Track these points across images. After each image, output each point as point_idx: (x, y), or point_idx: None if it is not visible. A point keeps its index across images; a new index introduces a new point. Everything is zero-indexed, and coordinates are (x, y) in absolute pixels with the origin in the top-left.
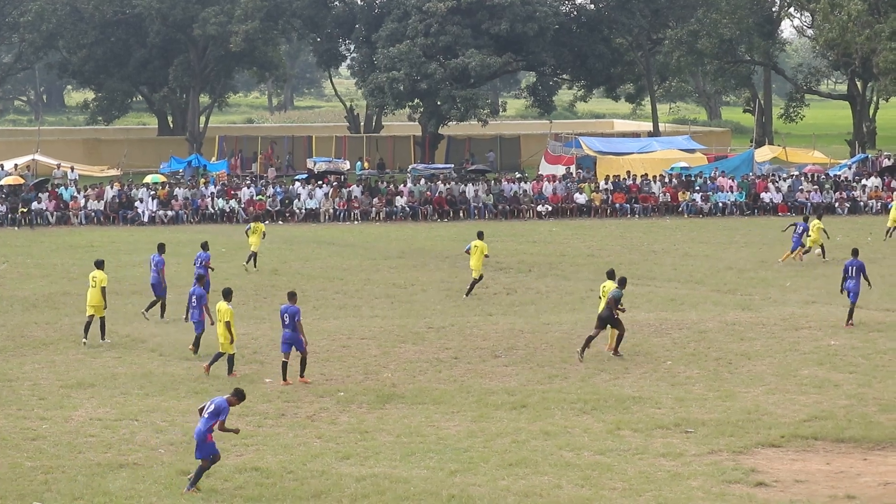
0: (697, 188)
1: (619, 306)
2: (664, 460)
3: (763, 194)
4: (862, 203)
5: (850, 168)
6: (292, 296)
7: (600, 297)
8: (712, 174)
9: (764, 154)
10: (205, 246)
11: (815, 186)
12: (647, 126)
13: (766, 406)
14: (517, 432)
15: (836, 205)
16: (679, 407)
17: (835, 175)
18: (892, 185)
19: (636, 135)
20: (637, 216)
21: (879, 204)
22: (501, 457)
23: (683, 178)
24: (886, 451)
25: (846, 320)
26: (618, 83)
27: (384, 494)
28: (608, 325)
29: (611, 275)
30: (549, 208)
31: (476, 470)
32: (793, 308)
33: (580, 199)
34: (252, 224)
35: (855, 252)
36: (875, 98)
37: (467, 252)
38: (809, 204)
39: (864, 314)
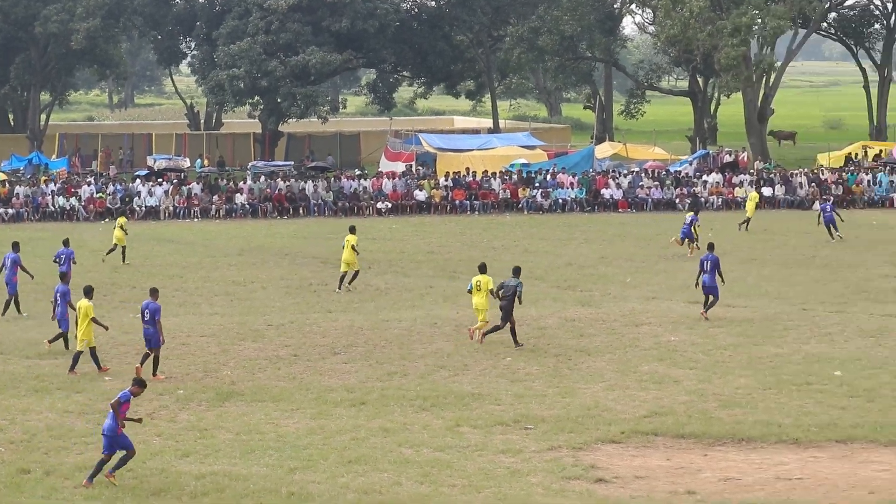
0: (537, 185)
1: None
2: (504, 457)
3: (603, 191)
4: (703, 199)
5: (690, 164)
6: (154, 292)
7: (470, 292)
8: (552, 171)
9: (604, 150)
10: (66, 242)
11: (656, 182)
12: (488, 123)
13: (606, 402)
14: (356, 429)
15: (677, 201)
16: (519, 403)
17: (675, 171)
18: (732, 181)
19: (476, 132)
20: (477, 213)
21: (720, 200)
22: (341, 454)
23: (524, 174)
24: (727, 446)
25: (704, 310)
26: (458, 80)
27: (224, 492)
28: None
29: (482, 268)
30: (389, 205)
31: (315, 467)
32: (633, 304)
33: (420, 195)
34: (118, 219)
35: (710, 246)
36: (716, 94)
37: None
38: (650, 200)
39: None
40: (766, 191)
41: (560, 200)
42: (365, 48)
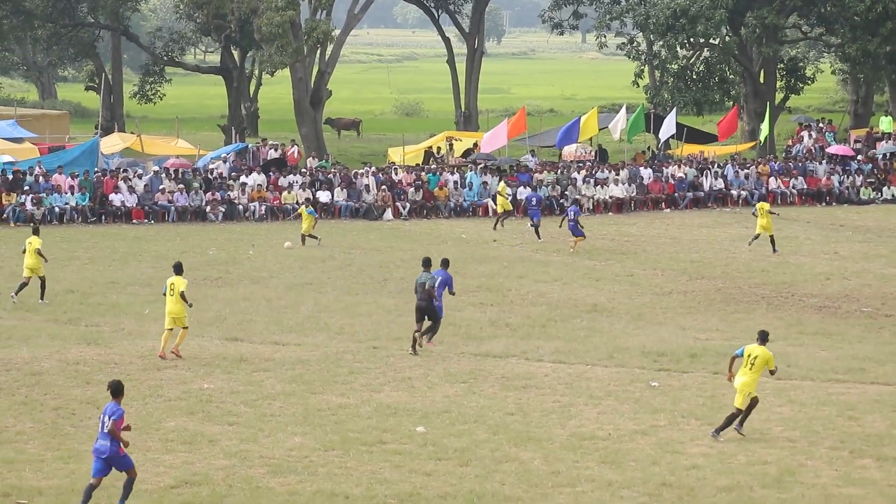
0: (27, 189)
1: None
2: None
3: (112, 196)
4: (241, 206)
5: (225, 161)
6: None
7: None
8: (42, 170)
9: (113, 144)
10: None
11: (181, 186)
12: None
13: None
14: None
15: (209, 209)
16: (8, 471)
17: (205, 170)
18: (279, 183)
19: None
20: None
21: (264, 207)
22: None
23: (8, 175)
24: None
25: (429, 338)
26: None
27: None
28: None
29: (178, 269)
30: None
31: None
32: (153, 342)
33: None
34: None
35: (444, 262)
36: (257, 72)
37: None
38: (173, 208)
39: (246, 348)
40: (324, 196)
41: (56, 209)
42: None
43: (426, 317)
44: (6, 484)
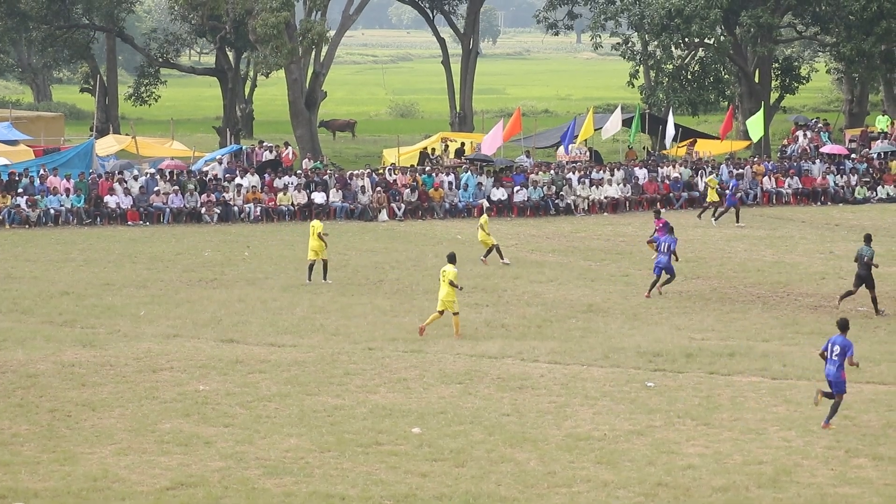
0: (21, 191)
1: None
2: None
3: (107, 198)
4: (236, 208)
5: (220, 162)
6: None
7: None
8: (41, 172)
9: (108, 146)
10: None
11: (176, 187)
12: None
13: (118, 470)
14: None
15: (203, 210)
16: (3, 474)
17: (200, 172)
18: (275, 185)
19: None
20: None
21: (259, 209)
22: None
23: (3, 177)
24: None
25: (659, 286)
26: None
27: None
28: None
29: (451, 258)
30: None
31: None
32: (149, 343)
33: None
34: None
35: (671, 230)
36: (252, 73)
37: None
38: (168, 210)
39: (241, 350)
40: (319, 197)
41: (52, 211)
42: None
43: (864, 284)
44: (2, 486)
